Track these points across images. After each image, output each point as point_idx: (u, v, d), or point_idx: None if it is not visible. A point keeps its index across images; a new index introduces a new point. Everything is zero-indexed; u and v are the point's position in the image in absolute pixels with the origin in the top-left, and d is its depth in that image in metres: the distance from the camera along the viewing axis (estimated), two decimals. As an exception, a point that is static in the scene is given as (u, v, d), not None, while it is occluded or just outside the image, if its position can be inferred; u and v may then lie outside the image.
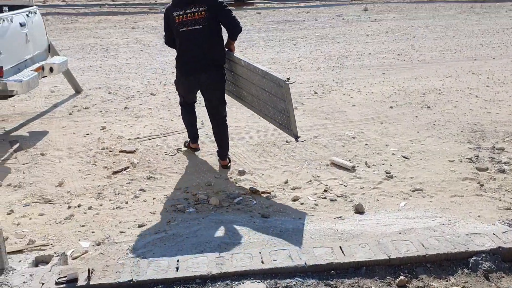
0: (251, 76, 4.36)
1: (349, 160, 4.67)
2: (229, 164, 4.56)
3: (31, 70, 5.45)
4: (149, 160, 4.81)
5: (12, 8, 5.82)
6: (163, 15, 4.44)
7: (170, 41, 4.44)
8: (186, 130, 4.96)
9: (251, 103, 4.66)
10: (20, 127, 5.94)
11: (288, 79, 3.86)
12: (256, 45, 11.17)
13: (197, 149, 4.95)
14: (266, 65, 8.96)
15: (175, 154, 4.91)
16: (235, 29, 4.30)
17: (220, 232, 3.28)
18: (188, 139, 4.98)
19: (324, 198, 3.93)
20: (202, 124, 5.80)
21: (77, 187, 4.28)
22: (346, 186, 4.17)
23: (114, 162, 4.79)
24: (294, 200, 3.90)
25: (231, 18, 4.24)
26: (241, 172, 4.43)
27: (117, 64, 9.33)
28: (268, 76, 4.11)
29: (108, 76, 8.35)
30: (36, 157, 4.97)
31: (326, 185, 4.16)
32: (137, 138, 5.42)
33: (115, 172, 4.55)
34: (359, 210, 3.65)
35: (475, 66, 8.60)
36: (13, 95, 5.20)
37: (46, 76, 5.96)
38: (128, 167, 4.66)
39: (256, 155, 4.85)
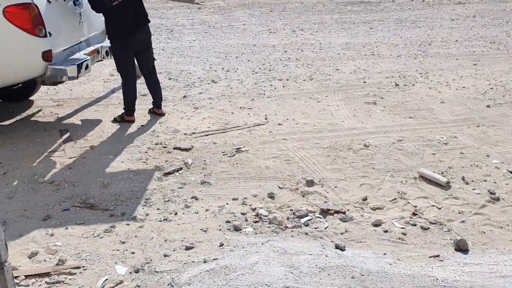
0: None
1: (442, 173, 3.85)
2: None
3: (84, 54, 5.00)
4: (204, 160, 4.24)
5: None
6: None
7: (98, 10, 4.86)
8: (127, 101, 5.18)
9: None
10: (74, 114, 5.58)
11: None
12: (329, 27, 10.30)
13: (133, 121, 5.21)
14: (339, 51, 8.14)
15: (234, 155, 4.30)
16: None
17: (283, 269, 2.62)
18: (125, 111, 5.21)
19: (414, 224, 3.16)
20: (266, 118, 5.16)
21: (124, 190, 3.78)
22: (440, 208, 3.37)
23: (166, 161, 4.26)
24: (376, 225, 3.17)
25: None
26: (310, 183, 3.74)
27: (180, 47, 8.85)
28: None
29: (170, 60, 7.89)
30: (84, 150, 4.55)
31: (415, 207, 3.38)
32: (194, 133, 4.87)
33: (166, 174, 4.02)
34: (461, 247, 2.87)
35: None
36: (63, 81, 4.79)
37: (101, 60, 5.52)
38: (181, 168, 4.11)
39: (327, 161, 4.13)
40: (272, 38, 9.46)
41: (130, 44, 4.95)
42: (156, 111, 5.40)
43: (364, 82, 6.38)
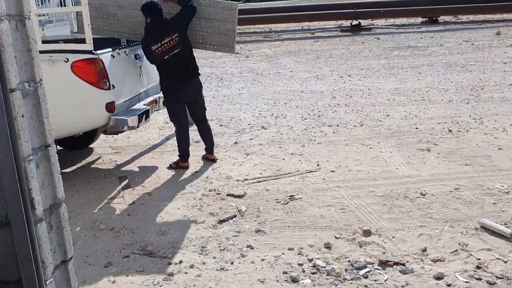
0: None
1: (505, 224, 3.70)
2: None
3: (144, 104, 5.26)
4: (258, 208, 4.27)
5: (129, 40, 5.73)
6: (274, 43, 4.62)
7: (152, 62, 5.13)
8: (181, 148, 5.36)
9: None
10: (131, 161, 5.80)
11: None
12: (376, 73, 10.35)
13: (187, 167, 5.36)
14: (389, 96, 8.13)
15: (287, 203, 4.32)
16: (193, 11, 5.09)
17: (345, 323, 2.58)
18: (180, 157, 5.37)
19: (479, 279, 3.04)
20: (318, 165, 5.18)
21: (180, 237, 3.86)
22: (506, 261, 3.23)
23: (220, 208, 4.33)
24: (438, 278, 3.07)
25: (191, 8, 5.05)
26: (367, 233, 3.69)
27: (229, 94, 9.12)
28: (216, 4, 5.11)
29: (220, 107, 8.12)
30: (142, 197, 4.69)
31: (479, 259, 3.26)
32: (246, 179, 4.94)
33: (221, 221, 4.08)
34: (533, 305, 2.73)
35: None
36: (124, 131, 5.03)
37: (159, 110, 5.78)
38: (235, 215, 4.16)
39: (384, 210, 4.07)
40: (320, 84, 9.59)
41: (180, 96, 5.14)
42: (209, 157, 5.55)
43: (416, 128, 6.31)
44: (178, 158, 5.42)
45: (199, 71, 5.28)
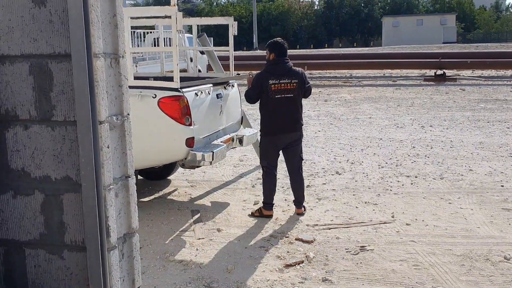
0: None
1: None
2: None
3: (221, 141, 5.40)
4: (326, 256, 4.16)
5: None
6: (354, 88, 4.21)
7: (254, 100, 5.03)
8: (266, 195, 5.13)
9: None
10: (205, 195, 5.93)
11: None
12: (460, 125, 9.93)
13: (271, 216, 5.10)
14: (472, 150, 7.73)
15: (357, 253, 4.17)
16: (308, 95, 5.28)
17: None
18: (264, 204, 5.13)
19: None
20: (393, 217, 4.98)
21: (246, 277, 3.83)
22: None
23: (288, 252, 4.26)
24: None
25: (309, 90, 5.18)
26: (442, 294, 3.45)
27: (305, 137, 9.10)
28: None
29: (295, 149, 8.13)
30: (212, 232, 4.75)
31: None
32: (316, 225, 4.85)
33: (287, 265, 4.00)
34: None
35: None
36: (200, 166, 5.17)
37: (235, 148, 5.90)
38: (302, 261, 4.07)
39: (461, 271, 3.80)
40: (400, 132, 9.35)
41: (277, 142, 5.02)
42: (296, 211, 5.19)
43: (502, 186, 5.91)
44: (262, 205, 5.13)
45: (302, 124, 5.11)
